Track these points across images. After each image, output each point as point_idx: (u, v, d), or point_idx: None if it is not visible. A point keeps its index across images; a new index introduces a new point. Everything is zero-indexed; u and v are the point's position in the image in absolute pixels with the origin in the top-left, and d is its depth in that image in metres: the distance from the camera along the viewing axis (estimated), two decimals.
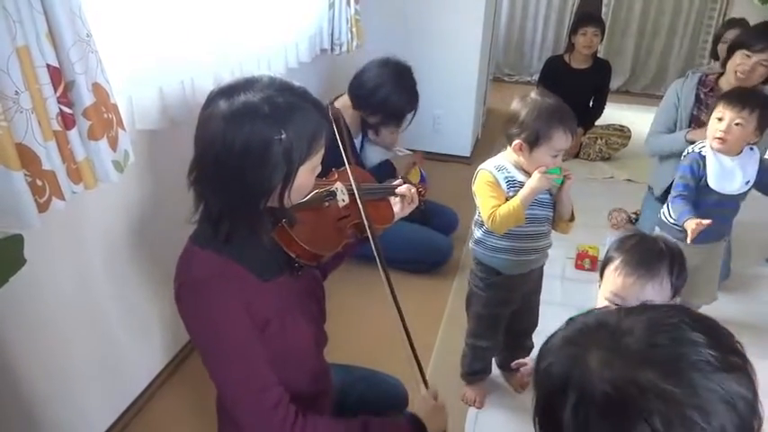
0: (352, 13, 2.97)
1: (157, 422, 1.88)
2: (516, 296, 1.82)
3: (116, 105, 1.39)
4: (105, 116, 1.35)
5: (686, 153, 2.11)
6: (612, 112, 4.32)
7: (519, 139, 1.59)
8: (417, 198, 1.60)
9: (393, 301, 1.25)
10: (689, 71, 2.66)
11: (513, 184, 1.63)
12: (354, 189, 1.38)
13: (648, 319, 0.66)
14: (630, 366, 0.61)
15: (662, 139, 2.59)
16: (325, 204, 1.34)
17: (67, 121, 1.25)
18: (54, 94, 1.20)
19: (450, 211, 2.93)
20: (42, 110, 1.18)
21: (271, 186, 1.06)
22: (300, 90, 1.10)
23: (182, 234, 1.17)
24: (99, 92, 1.31)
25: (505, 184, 1.63)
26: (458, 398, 1.97)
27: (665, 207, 2.16)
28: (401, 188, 1.58)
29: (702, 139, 2.09)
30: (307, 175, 1.12)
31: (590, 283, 2.60)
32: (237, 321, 1.09)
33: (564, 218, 1.70)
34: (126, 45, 1.55)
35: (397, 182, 1.62)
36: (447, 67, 3.63)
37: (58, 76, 1.21)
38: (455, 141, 3.88)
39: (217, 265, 1.10)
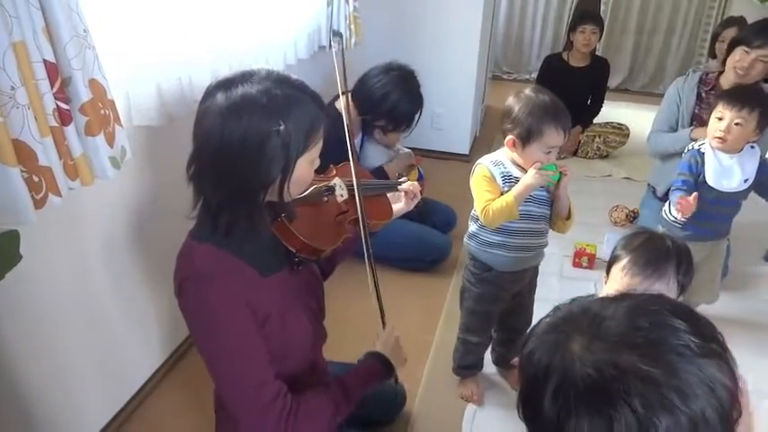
0: (351, 10, 2.97)
1: (156, 418, 1.88)
2: (506, 294, 1.82)
3: (113, 101, 1.38)
4: (102, 112, 1.34)
5: (686, 150, 2.11)
6: (611, 110, 4.32)
7: (512, 135, 1.60)
8: (419, 194, 1.62)
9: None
10: (689, 69, 2.66)
11: (509, 180, 1.63)
12: (355, 185, 1.38)
13: (629, 305, 0.67)
14: (611, 349, 0.62)
15: (665, 137, 2.59)
16: (324, 199, 1.35)
17: (64, 117, 1.25)
18: (51, 89, 1.20)
19: (449, 208, 2.93)
20: (39, 106, 1.17)
21: (269, 178, 1.06)
22: (298, 82, 1.10)
23: (180, 230, 1.17)
24: (96, 88, 1.31)
25: (501, 179, 1.64)
26: (456, 396, 1.97)
27: (666, 205, 2.16)
28: (405, 185, 1.59)
29: (704, 136, 2.09)
30: (305, 168, 1.12)
31: (588, 280, 2.61)
32: (239, 317, 1.09)
33: (561, 216, 1.69)
34: (123, 41, 1.54)
35: (403, 179, 1.64)
36: (446, 66, 3.64)
37: (54, 71, 1.20)
38: (454, 139, 3.89)
39: (217, 259, 1.10)
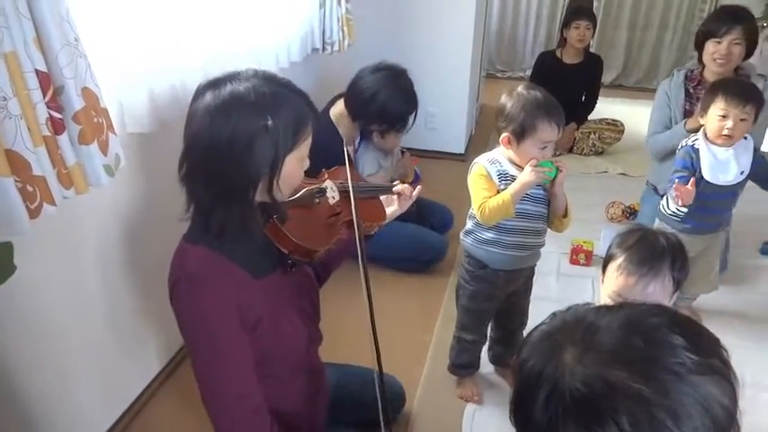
0: (343, 12, 2.97)
1: (154, 426, 1.88)
2: (500, 293, 1.83)
3: (106, 109, 1.39)
4: (95, 120, 1.34)
5: (680, 147, 2.12)
6: (605, 107, 4.33)
7: (506, 132, 1.61)
8: (413, 196, 1.62)
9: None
10: (674, 70, 2.69)
11: (505, 178, 1.64)
12: (349, 186, 1.39)
13: (626, 317, 0.65)
14: (602, 364, 0.60)
15: (661, 137, 2.60)
16: (316, 201, 1.36)
17: (57, 127, 1.25)
18: (43, 99, 1.20)
19: (446, 209, 2.93)
20: (31, 115, 1.18)
21: (259, 175, 1.07)
22: (285, 81, 1.13)
23: (175, 237, 1.17)
24: (88, 96, 1.31)
25: (497, 177, 1.64)
26: (455, 395, 1.97)
27: (663, 199, 2.18)
28: (398, 187, 1.60)
29: (699, 125, 2.10)
30: (294, 166, 1.12)
31: (585, 278, 2.61)
32: (229, 322, 1.09)
33: (558, 213, 1.70)
34: (115, 48, 1.54)
35: (396, 182, 1.65)
36: (439, 65, 3.64)
37: (46, 81, 1.20)
38: (449, 139, 3.89)
39: (210, 261, 1.11)
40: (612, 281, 1.31)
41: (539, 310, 1.98)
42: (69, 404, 1.62)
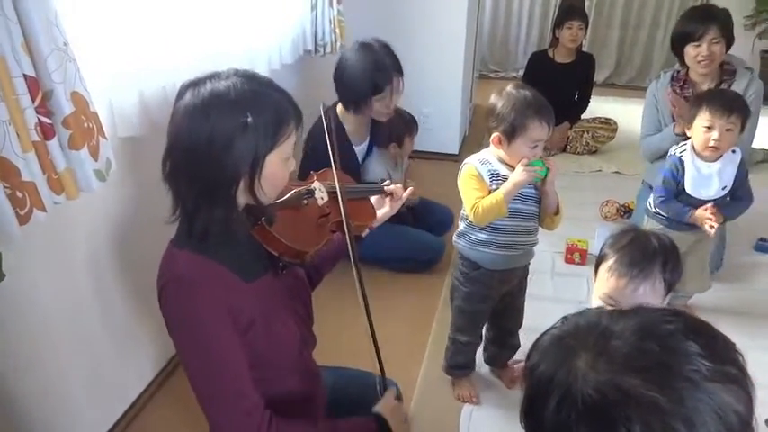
0: (335, 13, 2.97)
1: (150, 431, 1.86)
2: (495, 293, 1.82)
3: (96, 114, 1.38)
4: (86, 125, 1.33)
5: (669, 155, 2.13)
6: (598, 106, 4.34)
7: (497, 132, 1.61)
8: (404, 197, 1.62)
9: (362, 300, 1.26)
10: (661, 71, 2.70)
11: (496, 178, 1.64)
12: (337, 187, 1.38)
13: (641, 323, 0.63)
14: (615, 370, 0.59)
15: (653, 139, 2.62)
16: (304, 202, 1.35)
17: (47, 132, 1.24)
18: (32, 104, 1.19)
19: (446, 208, 2.90)
20: (20, 121, 1.16)
21: (239, 173, 1.06)
22: (266, 79, 1.13)
23: (167, 240, 1.16)
24: (78, 101, 1.30)
25: (488, 177, 1.65)
26: (452, 396, 1.97)
27: (650, 198, 2.18)
28: (390, 187, 1.60)
29: (686, 129, 2.10)
30: (277, 165, 1.11)
31: (580, 276, 2.61)
32: (220, 324, 1.08)
33: (549, 212, 1.70)
34: (105, 52, 1.53)
35: (386, 182, 1.64)
36: (432, 66, 3.64)
37: (35, 85, 1.19)
38: (443, 139, 3.89)
39: (198, 264, 1.09)
40: (603, 282, 1.30)
41: (534, 309, 2.01)
42: (64, 410, 1.61)
